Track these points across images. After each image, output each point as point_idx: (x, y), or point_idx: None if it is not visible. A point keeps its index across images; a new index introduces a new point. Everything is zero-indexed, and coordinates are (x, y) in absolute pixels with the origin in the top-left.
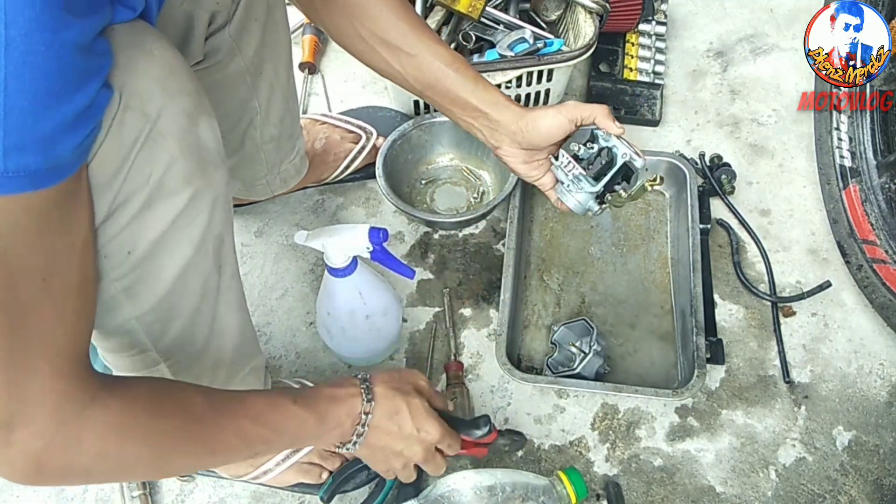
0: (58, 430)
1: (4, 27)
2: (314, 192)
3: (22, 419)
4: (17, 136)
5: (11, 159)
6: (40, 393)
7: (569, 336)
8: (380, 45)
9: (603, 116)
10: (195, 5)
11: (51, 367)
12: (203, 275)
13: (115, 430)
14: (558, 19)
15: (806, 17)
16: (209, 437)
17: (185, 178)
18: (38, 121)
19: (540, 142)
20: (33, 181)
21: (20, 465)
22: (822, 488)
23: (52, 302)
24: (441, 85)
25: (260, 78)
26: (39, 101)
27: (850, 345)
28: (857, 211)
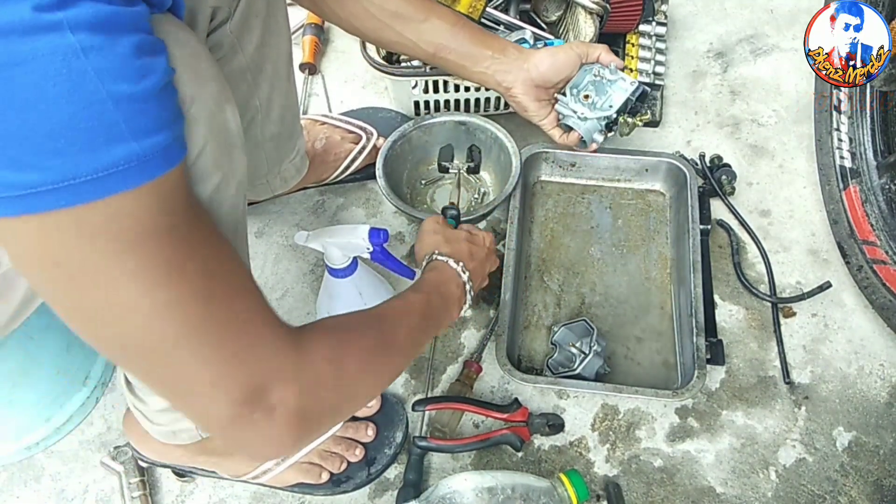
0: (299, 373)
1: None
2: (314, 192)
3: (268, 380)
4: (138, 121)
5: (144, 142)
6: (271, 349)
7: (569, 337)
8: (390, 19)
9: (606, 51)
10: (197, 1)
11: (267, 323)
12: None
13: (336, 354)
14: (558, 20)
15: (806, 18)
16: (392, 335)
17: (215, 162)
18: (147, 102)
19: (552, 76)
20: (168, 157)
21: (287, 425)
22: (823, 489)
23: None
24: (453, 43)
25: (261, 76)
26: (136, 85)
27: (851, 345)
28: (857, 212)
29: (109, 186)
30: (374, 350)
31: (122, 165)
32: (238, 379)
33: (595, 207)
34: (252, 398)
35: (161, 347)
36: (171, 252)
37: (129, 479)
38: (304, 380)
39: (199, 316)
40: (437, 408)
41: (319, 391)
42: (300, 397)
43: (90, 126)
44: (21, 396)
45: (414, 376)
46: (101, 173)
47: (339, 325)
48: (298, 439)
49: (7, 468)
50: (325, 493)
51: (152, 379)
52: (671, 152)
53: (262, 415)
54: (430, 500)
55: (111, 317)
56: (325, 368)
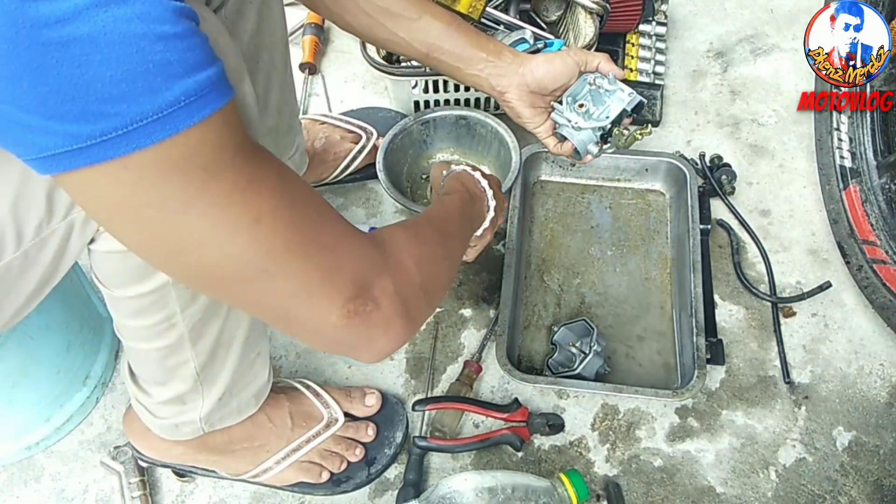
0: (392, 268)
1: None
2: None
3: (370, 273)
4: (189, 58)
5: (199, 76)
6: (365, 249)
7: (569, 336)
8: (382, 16)
9: (606, 60)
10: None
11: (353, 229)
12: None
13: (412, 244)
14: (558, 20)
15: (806, 18)
16: (445, 231)
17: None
18: (192, 41)
19: (548, 83)
20: (223, 89)
21: (395, 313)
22: (823, 489)
23: (306, 188)
24: (447, 43)
25: (256, 67)
26: (179, 27)
27: (851, 345)
28: (857, 211)
29: (177, 122)
30: (438, 240)
31: (184, 101)
32: (342, 279)
33: (595, 207)
34: (359, 293)
35: (266, 263)
36: (251, 170)
37: (129, 479)
38: (396, 271)
39: (294, 226)
40: (437, 408)
41: (410, 279)
42: (397, 287)
43: (146, 68)
44: (21, 396)
45: (414, 376)
46: (165, 111)
47: (403, 227)
48: (408, 325)
49: (7, 468)
50: (325, 493)
51: (257, 302)
52: (671, 152)
53: (372, 306)
54: (430, 500)
55: (212, 245)
56: (408, 260)
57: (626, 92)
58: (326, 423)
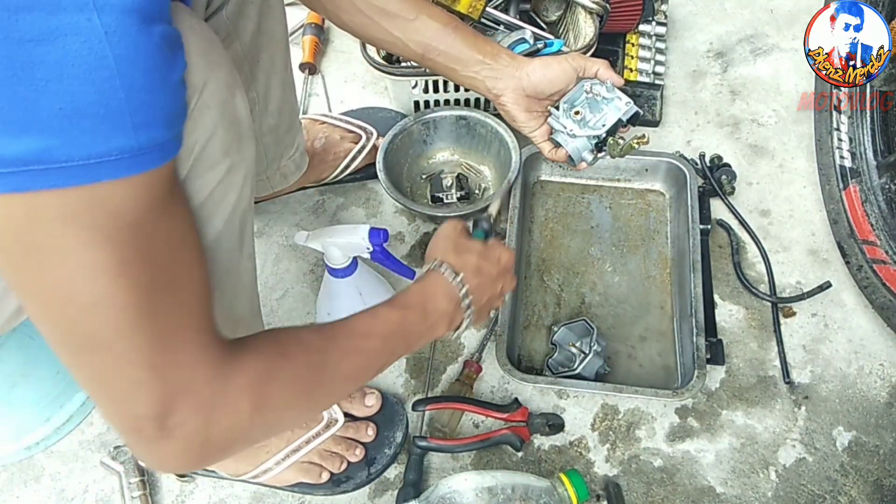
0: (214, 400)
1: (98, 15)
2: (314, 192)
3: (179, 401)
4: (143, 114)
5: (143, 136)
6: (192, 370)
7: (569, 336)
8: (378, 15)
9: (605, 68)
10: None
11: (196, 341)
12: (227, 251)
13: (260, 383)
14: (558, 20)
15: (806, 18)
16: (335, 363)
17: (224, 149)
18: (155, 96)
19: (545, 87)
20: (164, 153)
21: (184, 449)
22: (823, 489)
23: (186, 271)
24: (443, 44)
25: (257, 67)
26: (151, 77)
27: (851, 345)
28: (857, 211)
29: (99, 174)
30: (307, 380)
31: (116, 155)
32: (148, 393)
33: (595, 207)
34: (155, 415)
35: (88, 341)
36: (138, 247)
37: (129, 479)
38: (217, 407)
39: (131, 321)
40: (437, 408)
41: (231, 420)
42: (207, 425)
43: (97, 112)
44: (21, 396)
45: (414, 376)
46: (94, 160)
47: (276, 346)
48: (194, 462)
49: (7, 468)
50: (325, 493)
51: (74, 367)
52: (671, 152)
53: (160, 433)
54: (430, 500)
55: (65, 301)
56: (244, 398)
57: (624, 101)
58: (326, 423)
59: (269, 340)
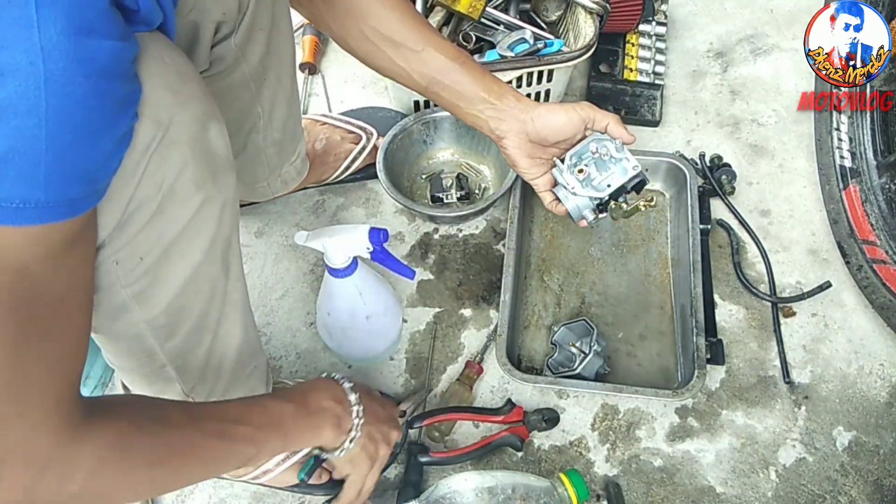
0: (47, 463)
1: (42, 61)
2: (314, 192)
3: (11, 455)
4: (61, 169)
5: (54, 190)
6: (32, 429)
7: (569, 336)
8: (384, 44)
9: (616, 123)
10: (201, 15)
11: (47, 401)
12: (211, 278)
13: (103, 455)
14: (558, 20)
15: (806, 17)
16: (193, 445)
17: (196, 183)
18: (81, 152)
19: (549, 135)
20: (72, 209)
21: (8, 499)
22: (823, 489)
23: (62, 325)
24: (448, 79)
25: (264, 85)
26: (82, 133)
27: (851, 345)
28: (857, 211)
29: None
30: (157, 459)
31: (16, 203)
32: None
33: None
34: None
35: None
36: (4, 293)
37: None
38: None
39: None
40: (434, 421)
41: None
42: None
43: (9, 158)
44: None
45: (414, 376)
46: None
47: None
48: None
49: None
50: (325, 493)
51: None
52: (671, 152)
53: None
54: (429, 501)
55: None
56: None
57: (632, 164)
58: None
59: (128, 409)
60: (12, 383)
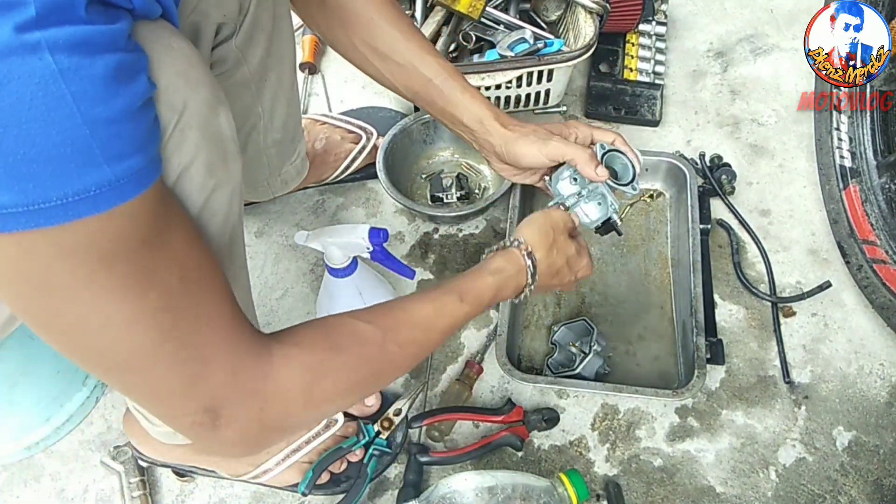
0: (263, 392)
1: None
2: (314, 192)
3: (225, 399)
4: (112, 146)
5: (116, 167)
6: (231, 366)
7: (569, 336)
8: (372, 55)
9: (584, 163)
10: (202, 17)
11: (229, 339)
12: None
13: (311, 375)
14: (558, 19)
15: (806, 17)
16: (391, 356)
17: (209, 169)
18: (122, 125)
19: (520, 163)
20: (142, 178)
21: (243, 438)
22: (823, 488)
23: (199, 275)
24: (429, 96)
25: (264, 85)
26: (111, 107)
27: (851, 345)
28: (857, 211)
29: (81, 210)
30: (361, 372)
31: (94, 191)
32: (200, 393)
33: None
34: (206, 415)
35: (130, 360)
36: (141, 267)
37: (129, 479)
38: (268, 399)
39: (164, 330)
40: (434, 421)
41: (283, 409)
42: (260, 415)
43: (64, 152)
44: (21, 396)
45: (414, 376)
46: (72, 198)
47: (327, 338)
48: (257, 447)
49: (7, 468)
50: (325, 493)
51: (123, 387)
52: (671, 152)
53: (216, 428)
54: (430, 500)
55: (83, 331)
56: (294, 389)
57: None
58: (326, 423)
59: (320, 332)
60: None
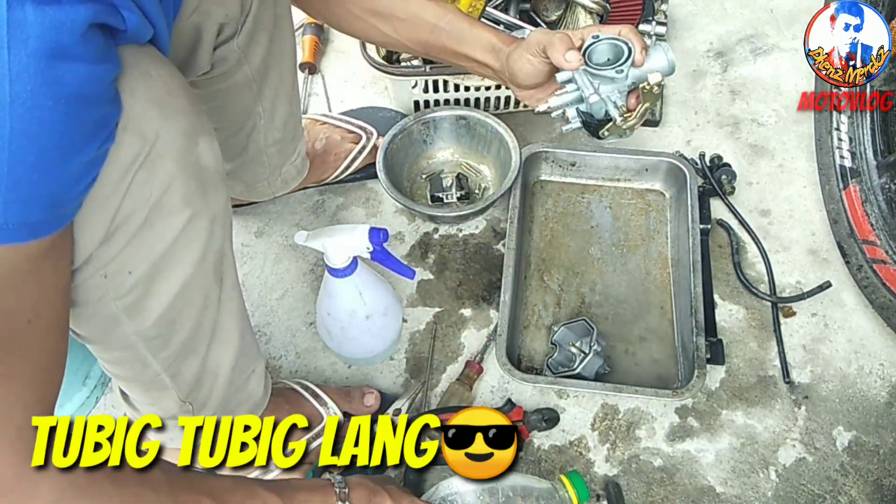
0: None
1: (9, 82)
2: (314, 192)
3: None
4: (22, 191)
5: (13, 212)
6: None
7: (569, 336)
8: (373, 18)
9: (553, 48)
10: (204, 17)
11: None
12: (204, 290)
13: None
14: (558, 19)
15: (806, 17)
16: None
17: (185, 198)
18: (45, 175)
19: (522, 81)
20: (34, 231)
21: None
22: (823, 488)
23: (33, 344)
24: (439, 41)
25: (265, 85)
26: (47, 156)
27: (850, 345)
28: (857, 211)
29: None
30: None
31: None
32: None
33: (595, 207)
34: None
35: None
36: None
37: None
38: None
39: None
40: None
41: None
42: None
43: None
44: None
45: (414, 376)
46: None
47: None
48: None
49: None
50: None
51: None
52: (671, 152)
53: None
54: (431, 501)
55: None
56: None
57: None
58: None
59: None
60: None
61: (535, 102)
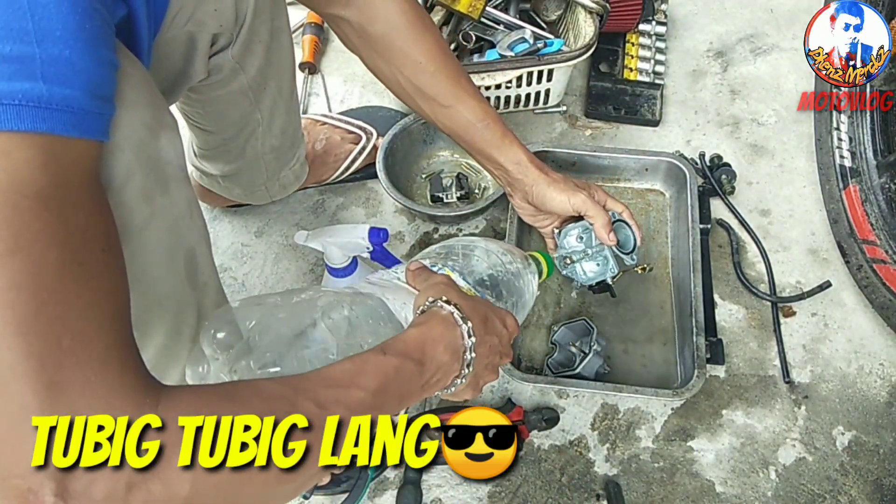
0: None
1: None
2: (314, 192)
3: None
4: (56, 68)
5: (54, 89)
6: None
7: (569, 336)
8: (416, 94)
9: (602, 225)
10: (197, 27)
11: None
12: (172, 286)
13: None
14: (558, 19)
15: (806, 17)
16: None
17: (144, 193)
18: (77, 54)
19: (544, 208)
20: (77, 121)
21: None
22: (822, 488)
23: (104, 274)
24: (469, 137)
25: (263, 93)
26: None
27: (850, 345)
28: (857, 211)
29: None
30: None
31: (18, 100)
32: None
33: None
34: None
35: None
36: (36, 224)
37: None
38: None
39: (29, 313)
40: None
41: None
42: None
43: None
44: None
45: None
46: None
47: (222, 389)
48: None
49: None
50: (325, 493)
51: None
52: (671, 152)
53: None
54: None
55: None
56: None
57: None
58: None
59: (213, 386)
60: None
61: (530, 220)
